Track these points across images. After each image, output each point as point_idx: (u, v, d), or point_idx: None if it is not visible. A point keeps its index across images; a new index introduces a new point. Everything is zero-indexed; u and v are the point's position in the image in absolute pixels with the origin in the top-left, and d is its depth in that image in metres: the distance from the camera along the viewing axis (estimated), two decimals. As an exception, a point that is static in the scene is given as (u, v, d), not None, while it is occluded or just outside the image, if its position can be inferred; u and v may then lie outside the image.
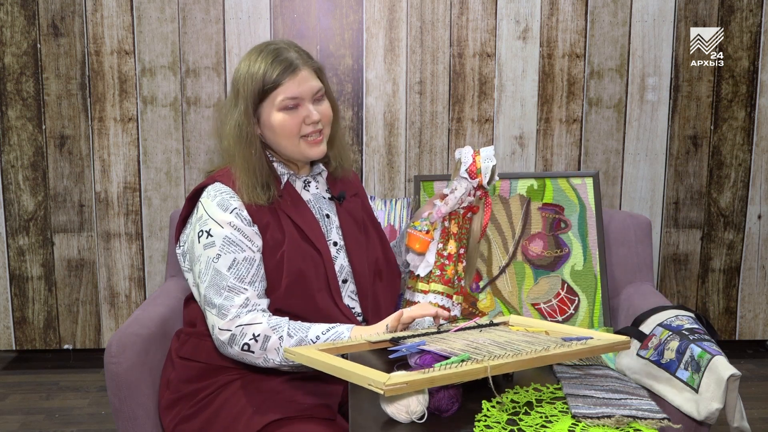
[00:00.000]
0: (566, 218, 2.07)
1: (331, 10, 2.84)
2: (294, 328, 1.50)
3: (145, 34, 2.83)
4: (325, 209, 1.68)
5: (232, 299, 1.50)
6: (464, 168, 1.68)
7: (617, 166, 2.97)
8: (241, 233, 1.53)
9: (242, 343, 1.50)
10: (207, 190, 1.59)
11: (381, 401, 1.25)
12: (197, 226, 1.56)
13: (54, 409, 2.68)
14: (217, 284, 1.51)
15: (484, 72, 2.89)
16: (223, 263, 1.51)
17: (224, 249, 1.52)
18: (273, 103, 1.57)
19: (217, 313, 1.51)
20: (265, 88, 1.56)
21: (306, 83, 1.58)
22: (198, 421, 1.58)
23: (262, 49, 1.60)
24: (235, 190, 1.56)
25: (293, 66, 1.57)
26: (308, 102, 1.59)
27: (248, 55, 1.61)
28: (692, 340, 1.55)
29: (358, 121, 2.90)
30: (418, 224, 1.70)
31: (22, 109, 2.85)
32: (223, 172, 1.61)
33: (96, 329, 3.00)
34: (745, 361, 3.07)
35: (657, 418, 1.24)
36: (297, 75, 1.57)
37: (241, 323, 1.49)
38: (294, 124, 1.58)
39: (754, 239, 3.04)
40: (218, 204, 1.55)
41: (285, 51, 1.59)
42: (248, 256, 1.53)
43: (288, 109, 1.57)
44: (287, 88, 1.56)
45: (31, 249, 2.94)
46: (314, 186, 1.70)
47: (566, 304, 2.02)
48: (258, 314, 1.51)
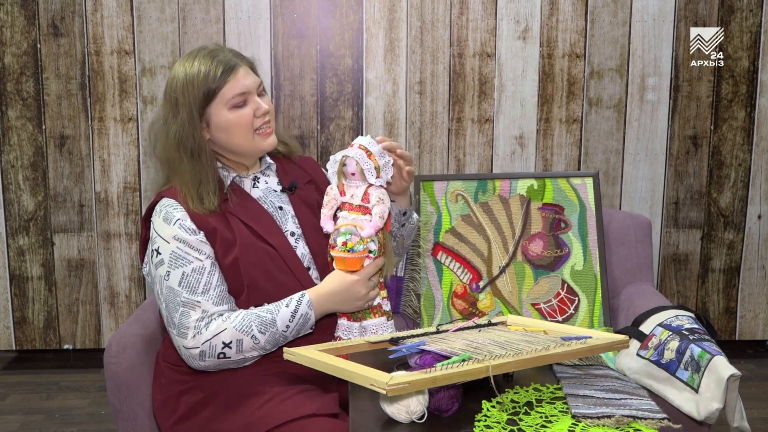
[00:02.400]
0: (566, 218, 2.07)
1: (331, 10, 2.84)
2: (261, 324, 1.51)
3: (145, 34, 2.83)
4: (277, 202, 1.68)
5: (188, 315, 1.51)
6: (372, 174, 1.57)
7: (617, 166, 2.97)
8: (186, 245, 1.53)
9: (216, 354, 1.51)
10: (156, 208, 1.59)
11: (381, 401, 1.25)
12: (150, 246, 1.57)
13: (54, 409, 2.68)
14: (173, 301, 1.52)
15: (484, 72, 2.89)
16: (174, 279, 1.52)
17: (172, 264, 1.52)
18: (222, 103, 1.57)
19: (177, 333, 1.52)
20: (211, 89, 1.56)
21: (248, 78, 1.59)
22: (196, 421, 1.57)
23: (195, 55, 1.59)
24: (179, 201, 1.56)
25: (232, 63, 1.58)
26: (254, 95, 1.60)
27: (180, 64, 1.60)
28: (692, 340, 1.55)
29: (358, 121, 2.90)
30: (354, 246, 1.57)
31: (22, 109, 2.85)
32: (169, 188, 1.61)
33: (96, 329, 3.00)
34: (745, 361, 3.07)
35: (657, 418, 1.24)
36: (238, 72, 1.58)
37: (206, 339, 1.50)
38: (246, 120, 1.59)
39: (754, 239, 3.04)
40: (163, 219, 1.55)
41: (219, 52, 1.59)
42: (196, 267, 1.53)
43: (238, 107, 1.58)
44: (234, 86, 1.57)
45: (31, 249, 2.94)
46: (264, 181, 1.70)
47: (566, 304, 2.02)
48: (218, 322, 1.51)
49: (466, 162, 2.94)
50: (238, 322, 1.51)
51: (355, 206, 1.58)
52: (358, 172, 1.57)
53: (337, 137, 2.92)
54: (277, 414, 1.50)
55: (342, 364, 1.23)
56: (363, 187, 1.58)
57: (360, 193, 1.58)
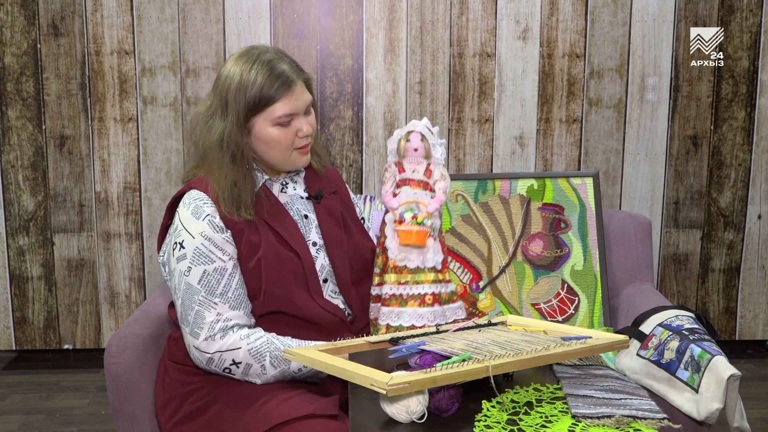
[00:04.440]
0: (566, 218, 2.07)
1: (331, 10, 2.84)
2: (276, 358, 1.51)
3: (145, 34, 2.83)
4: (303, 210, 1.67)
5: (203, 316, 1.51)
6: (437, 150, 1.63)
7: (617, 166, 2.97)
8: (212, 243, 1.52)
9: (223, 367, 1.52)
10: (183, 198, 1.58)
11: (381, 401, 1.25)
12: (173, 238, 1.56)
13: (54, 409, 2.68)
14: (189, 299, 1.51)
15: (484, 72, 2.89)
16: (194, 276, 1.51)
17: (195, 261, 1.51)
18: (268, 118, 1.55)
19: (189, 331, 1.52)
20: (262, 102, 1.54)
21: (301, 98, 1.57)
22: (198, 422, 1.57)
23: (255, 60, 1.55)
24: (210, 196, 1.55)
25: (289, 81, 1.55)
26: (301, 116, 1.58)
27: (237, 63, 1.56)
28: (692, 340, 1.55)
29: (358, 121, 2.90)
30: (423, 219, 1.60)
31: (22, 109, 2.85)
32: (199, 179, 1.60)
33: (96, 329, 3.00)
34: (745, 361, 3.07)
35: (657, 418, 1.24)
36: (293, 90, 1.55)
37: (218, 349, 1.50)
38: (288, 139, 1.57)
39: (754, 239, 3.04)
40: (192, 212, 1.54)
41: (278, 63, 1.56)
42: (218, 267, 1.52)
43: (282, 125, 1.56)
44: (284, 105, 1.54)
45: (31, 249, 2.94)
46: (292, 187, 1.69)
47: (566, 304, 2.02)
48: (235, 337, 1.51)
49: (466, 162, 2.94)
50: (255, 347, 1.51)
51: (416, 182, 1.61)
52: (421, 148, 1.60)
53: (337, 137, 2.92)
54: (277, 414, 1.50)
55: (342, 364, 1.23)
56: (424, 164, 1.61)
57: (422, 169, 1.61)
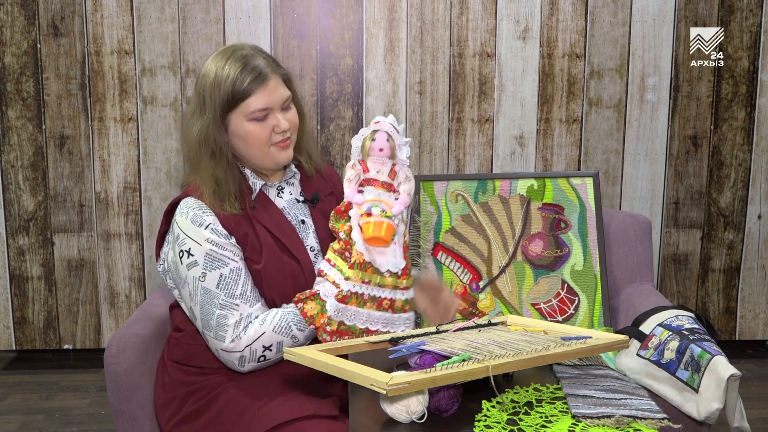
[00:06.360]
0: (566, 218, 2.07)
1: (331, 10, 2.84)
2: (300, 321, 1.51)
3: (145, 34, 2.83)
4: (300, 215, 1.66)
5: (226, 319, 1.50)
6: (402, 151, 1.59)
7: (617, 166, 2.97)
8: (220, 248, 1.51)
9: (257, 357, 1.52)
10: (179, 206, 1.56)
11: (381, 401, 1.25)
12: (176, 247, 1.54)
13: (54, 409, 2.68)
14: (209, 303, 1.51)
15: (484, 72, 2.89)
16: (211, 281, 1.51)
17: (208, 266, 1.51)
18: (243, 113, 1.54)
19: (214, 335, 1.52)
20: (235, 98, 1.53)
21: (275, 92, 1.55)
22: (199, 423, 1.57)
23: (229, 56, 1.55)
24: (206, 203, 1.54)
25: (263, 75, 1.53)
26: (277, 111, 1.57)
27: (213, 60, 1.56)
28: (692, 340, 1.55)
29: (358, 121, 2.90)
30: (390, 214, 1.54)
31: (22, 109, 2.85)
32: (195, 186, 1.58)
33: (96, 329, 3.00)
34: (745, 361, 3.07)
35: (657, 418, 1.24)
36: (267, 84, 1.54)
37: (246, 344, 1.50)
38: (264, 134, 1.56)
39: (754, 239, 3.04)
40: (191, 221, 1.52)
41: (253, 58, 1.55)
42: (234, 268, 1.52)
43: (258, 120, 1.55)
44: (257, 99, 1.53)
45: (31, 249, 2.94)
46: (288, 192, 1.68)
47: (566, 304, 2.02)
48: (255, 326, 1.51)
49: (466, 162, 2.94)
50: (276, 324, 1.51)
51: (381, 183, 1.56)
52: (387, 148, 1.56)
53: (337, 137, 2.92)
54: (277, 415, 1.50)
55: (342, 364, 1.23)
56: (389, 164, 1.57)
57: (386, 170, 1.57)
